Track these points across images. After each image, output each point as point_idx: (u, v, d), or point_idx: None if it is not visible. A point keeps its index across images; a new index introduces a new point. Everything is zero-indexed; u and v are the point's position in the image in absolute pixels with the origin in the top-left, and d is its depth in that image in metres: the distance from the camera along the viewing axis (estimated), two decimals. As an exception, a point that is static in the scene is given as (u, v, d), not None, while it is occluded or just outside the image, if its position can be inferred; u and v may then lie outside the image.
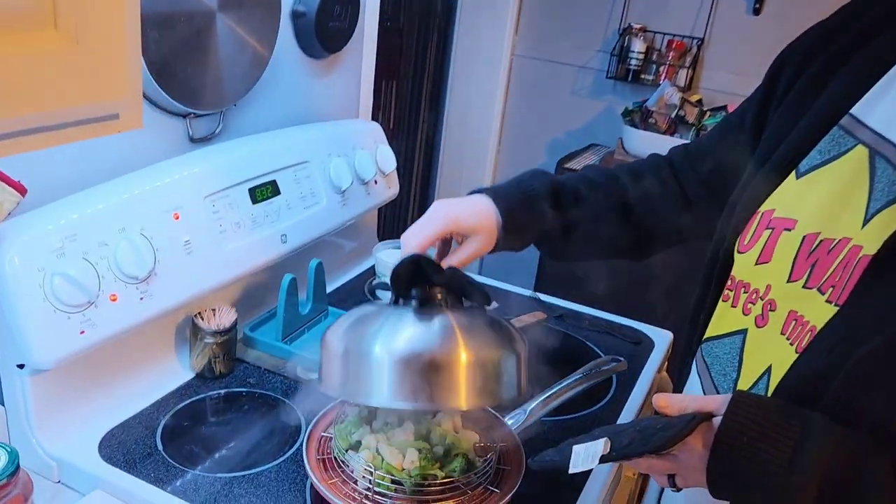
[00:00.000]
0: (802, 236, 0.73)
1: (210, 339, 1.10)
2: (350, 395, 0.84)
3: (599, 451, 0.68)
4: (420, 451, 0.86)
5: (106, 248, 0.94)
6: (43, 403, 0.94)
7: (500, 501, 0.85)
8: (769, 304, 0.75)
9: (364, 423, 0.92)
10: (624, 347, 1.34)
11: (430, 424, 0.91)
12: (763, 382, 0.73)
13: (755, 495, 0.63)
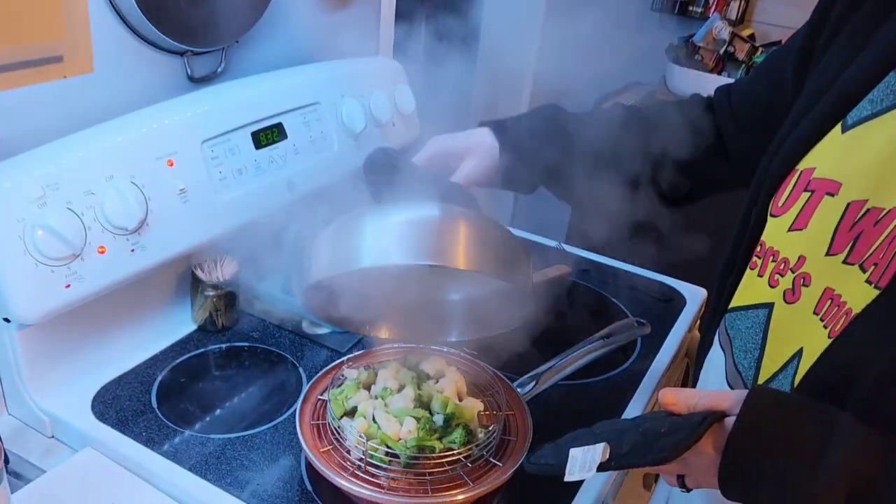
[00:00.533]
0: (847, 203, 0.63)
1: (211, 291, 1.05)
2: (337, 266, 0.73)
3: (598, 459, 0.61)
4: (419, 419, 0.81)
5: (92, 197, 0.88)
6: (33, 358, 0.91)
7: (503, 476, 0.80)
8: (802, 279, 0.66)
9: (362, 388, 0.87)
10: (653, 305, 1.26)
11: (431, 390, 0.85)
12: (791, 368, 0.65)
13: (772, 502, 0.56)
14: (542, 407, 0.94)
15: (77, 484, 0.83)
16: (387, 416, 0.81)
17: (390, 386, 0.86)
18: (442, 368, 0.90)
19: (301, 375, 1.01)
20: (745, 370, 0.71)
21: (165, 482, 0.83)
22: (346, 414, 0.84)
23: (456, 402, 0.83)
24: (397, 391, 0.86)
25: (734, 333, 0.75)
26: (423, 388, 0.87)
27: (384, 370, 0.89)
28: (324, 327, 1.10)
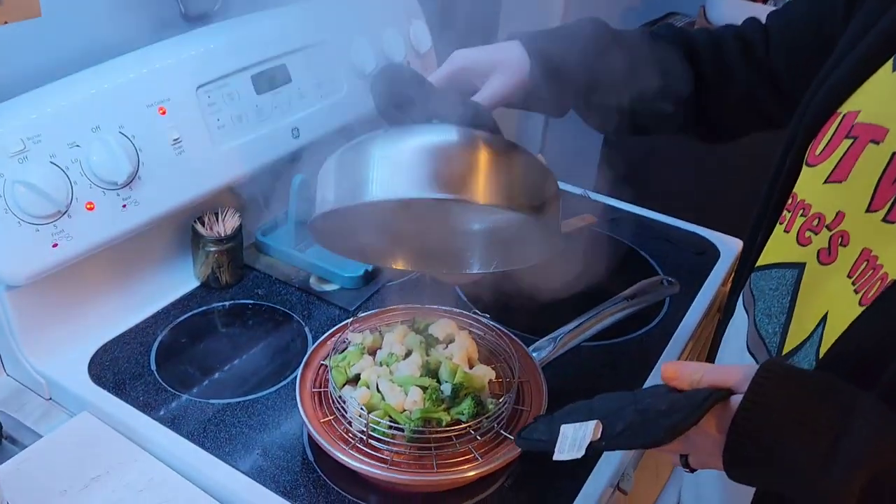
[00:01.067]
0: (893, 152, 0.55)
1: (212, 247, 1.00)
2: (342, 199, 0.65)
3: (588, 438, 0.55)
4: (425, 389, 0.75)
5: (77, 149, 0.83)
6: (26, 319, 0.87)
7: (515, 450, 0.74)
8: (840, 237, 0.58)
9: (367, 353, 0.82)
10: (684, 258, 1.18)
11: (440, 357, 0.80)
12: (816, 336, 0.57)
13: (783, 491, 0.49)
14: (559, 372, 0.89)
15: (72, 450, 0.80)
16: (391, 386, 0.76)
17: (396, 352, 0.81)
18: (452, 332, 0.84)
19: (307, 335, 0.96)
20: (769, 336, 0.64)
21: (162, 450, 0.80)
22: (349, 382, 0.79)
23: (465, 371, 0.78)
24: (404, 357, 0.80)
25: (758, 294, 0.68)
26: (432, 353, 0.81)
27: (390, 334, 0.84)
28: (332, 284, 1.04)
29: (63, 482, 0.77)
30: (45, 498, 0.75)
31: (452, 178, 0.61)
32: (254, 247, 1.10)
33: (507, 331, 0.88)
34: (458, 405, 0.75)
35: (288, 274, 1.06)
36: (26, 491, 0.75)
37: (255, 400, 0.86)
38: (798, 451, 0.48)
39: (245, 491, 0.75)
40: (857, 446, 0.46)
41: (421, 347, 0.81)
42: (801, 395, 0.50)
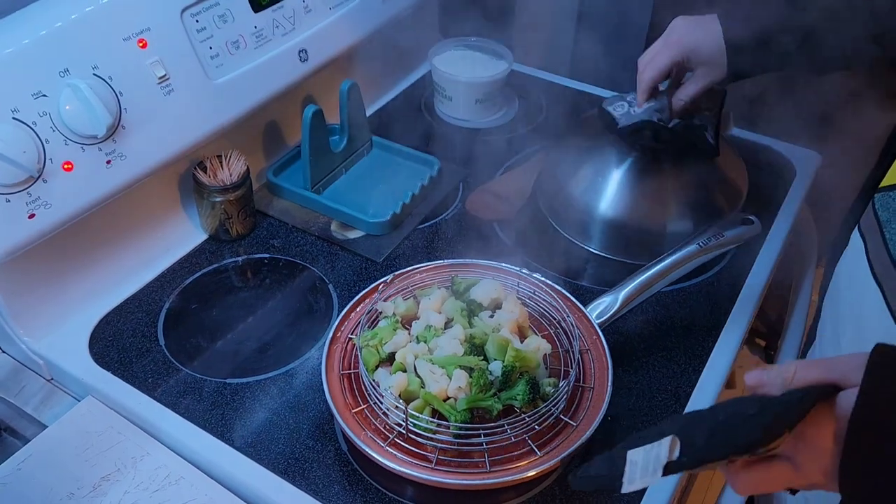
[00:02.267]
0: None
1: (218, 197, 0.87)
2: None
3: (664, 458, 0.43)
4: (472, 371, 0.64)
5: (44, 100, 0.70)
6: (15, 296, 0.76)
7: (578, 439, 0.64)
8: None
9: (400, 327, 0.70)
10: (753, 175, 1.03)
11: (485, 328, 0.68)
12: None
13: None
14: (617, 331, 0.77)
15: (77, 445, 0.71)
16: (431, 369, 0.65)
17: (435, 323, 0.69)
18: (498, 297, 0.72)
19: (331, 294, 0.85)
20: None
21: (176, 441, 0.71)
22: (382, 363, 0.68)
23: (517, 347, 0.66)
24: (443, 329, 0.69)
25: (888, 216, 0.58)
26: (476, 323, 0.70)
27: (427, 300, 0.72)
28: (356, 230, 0.92)
29: (69, 484, 0.68)
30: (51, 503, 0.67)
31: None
32: (265, 188, 0.97)
33: (559, 288, 0.76)
34: (509, 389, 0.64)
35: (305, 220, 0.94)
36: (29, 496, 0.67)
37: (278, 377, 0.76)
38: None
39: (273, 490, 0.66)
40: None
41: (463, 316, 0.70)
42: None
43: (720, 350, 0.79)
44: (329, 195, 0.95)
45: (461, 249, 0.87)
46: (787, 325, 0.98)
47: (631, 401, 0.73)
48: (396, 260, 0.88)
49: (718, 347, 0.79)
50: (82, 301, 0.82)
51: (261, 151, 0.99)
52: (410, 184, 0.96)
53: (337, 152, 0.97)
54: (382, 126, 1.09)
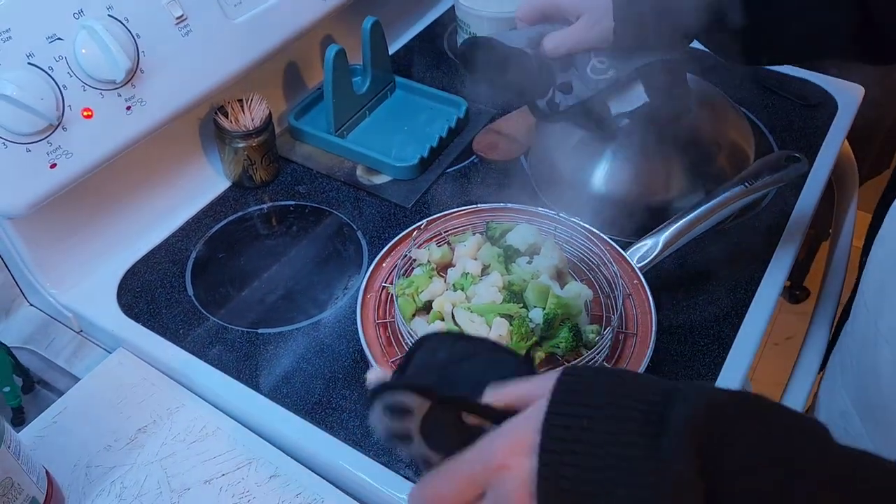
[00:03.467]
0: None
1: (240, 142, 0.84)
2: None
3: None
4: (512, 319, 0.63)
5: (60, 44, 0.67)
6: (40, 249, 0.75)
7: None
8: None
9: (436, 275, 0.68)
10: (794, 112, 0.99)
11: (523, 274, 0.66)
12: None
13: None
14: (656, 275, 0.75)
15: (111, 397, 0.71)
16: (469, 317, 0.63)
17: (471, 270, 0.67)
18: (535, 242, 0.70)
19: (360, 241, 0.82)
20: None
21: (210, 392, 0.70)
22: (419, 311, 0.67)
23: (557, 293, 0.64)
24: (480, 276, 0.67)
25: None
26: (513, 269, 0.68)
27: (462, 246, 0.70)
28: (382, 175, 0.89)
29: (106, 436, 0.68)
30: (88, 456, 0.66)
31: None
32: (287, 133, 0.95)
33: (598, 232, 0.74)
34: (551, 337, 0.63)
35: (330, 165, 0.91)
36: (66, 449, 0.67)
37: (311, 326, 0.74)
38: (607, 471, 0.33)
39: (310, 440, 0.66)
40: (681, 413, 0.33)
41: (500, 262, 0.68)
42: (600, 392, 0.35)
43: (763, 292, 0.76)
44: (354, 139, 0.93)
45: (494, 193, 0.85)
46: (826, 273, 0.95)
47: (673, 346, 0.71)
48: (426, 205, 0.86)
49: (761, 290, 0.76)
50: (108, 252, 0.80)
51: (281, 95, 0.96)
52: (438, 126, 0.92)
53: (360, 94, 0.94)
54: (404, 67, 1.05)
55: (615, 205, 0.80)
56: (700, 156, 0.81)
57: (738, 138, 0.85)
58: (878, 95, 1.02)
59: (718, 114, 0.86)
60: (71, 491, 0.64)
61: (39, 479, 0.59)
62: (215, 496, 0.63)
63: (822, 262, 1.43)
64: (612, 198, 0.80)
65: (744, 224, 0.83)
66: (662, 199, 0.80)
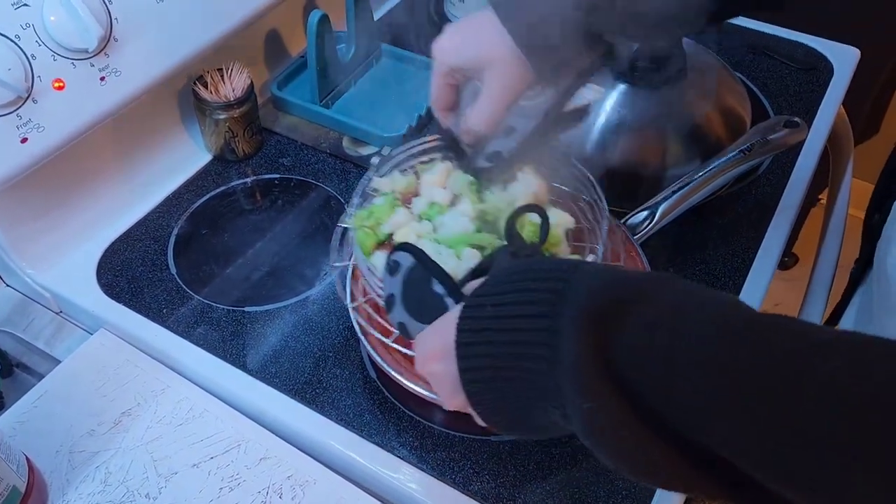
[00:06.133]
0: None
1: (221, 114, 0.81)
2: None
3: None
4: (484, 250, 0.57)
5: (26, 10, 0.63)
6: (14, 227, 0.72)
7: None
8: None
9: (399, 206, 0.63)
10: (789, 76, 0.97)
11: (499, 202, 0.61)
12: None
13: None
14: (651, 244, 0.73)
15: (93, 379, 0.68)
16: (438, 250, 0.57)
17: (439, 199, 0.61)
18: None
19: (348, 215, 0.80)
20: None
21: (196, 373, 0.68)
22: (381, 246, 0.61)
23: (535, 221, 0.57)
24: (449, 206, 0.61)
25: None
26: (487, 198, 0.62)
27: (429, 174, 0.63)
28: (370, 146, 0.87)
29: (89, 420, 0.66)
30: (71, 441, 0.64)
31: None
32: (270, 104, 0.91)
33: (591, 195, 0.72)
34: None
35: (315, 136, 0.88)
36: (48, 434, 0.64)
37: (299, 303, 0.72)
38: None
39: (300, 420, 0.64)
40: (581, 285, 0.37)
41: (472, 191, 0.62)
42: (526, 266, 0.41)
43: (761, 261, 0.75)
44: (339, 109, 0.90)
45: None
46: (821, 240, 0.94)
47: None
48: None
49: (759, 258, 0.75)
50: (86, 229, 0.77)
51: (263, 64, 0.93)
52: (426, 94, 0.88)
53: (345, 62, 0.91)
54: (389, 34, 1.01)
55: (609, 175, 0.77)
56: (696, 122, 0.79)
57: (734, 104, 0.83)
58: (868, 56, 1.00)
59: (714, 79, 0.83)
60: (53, 478, 0.62)
61: (20, 467, 0.57)
62: (204, 479, 0.62)
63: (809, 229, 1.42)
64: (606, 167, 0.78)
65: (740, 192, 0.82)
66: (658, 168, 0.78)
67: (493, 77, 0.55)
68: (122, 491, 0.61)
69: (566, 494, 0.59)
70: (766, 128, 0.73)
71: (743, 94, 0.85)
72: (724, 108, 0.82)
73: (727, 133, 0.80)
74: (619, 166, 0.77)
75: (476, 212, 0.61)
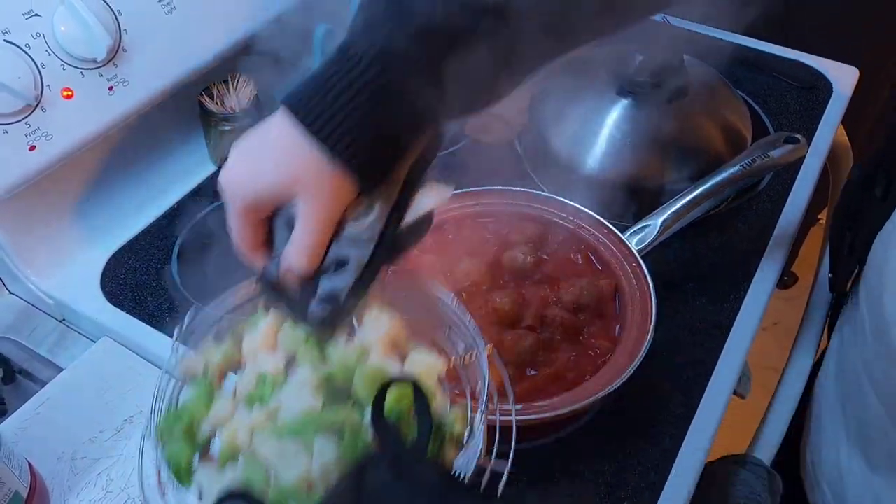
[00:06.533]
0: None
1: (226, 125, 0.82)
2: None
3: None
4: (341, 433, 0.43)
5: (37, 20, 0.64)
6: (19, 234, 0.73)
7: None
8: None
9: (219, 389, 0.48)
10: (789, 94, 0.98)
11: (346, 359, 0.47)
12: None
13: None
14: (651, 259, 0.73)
15: (95, 387, 0.68)
16: (280, 447, 0.42)
17: (269, 369, 0.47)
18: None
19: (351, 226, 0.80)
20: None
21: (199, 382, 0.68)
22: (203, 456, 0.45)
23: (394, 373, 0.46)
24: (284, 374, 0.47)
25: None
26: (331, 356, 0.47)
27: (251, 335, 0.50)
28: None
29: (91, 427, 0.66)
30: (73, 447, 0.64)
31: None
32: (275, 116, 0.92)
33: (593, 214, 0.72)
34: None
35: (320, 148, 0.89)
36: (50, 441, 0.65)
37: (300, 314, 0.72)
38: None
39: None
40: None
41: (310, 348, 0.48)
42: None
43: (761, 276, 0.75)
44: (343, 121, 0.90)
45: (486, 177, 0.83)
46: (820, 259, 0.95)
47: (672, 331, 0.70)
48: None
49: (759, 274, 0.76)
50: (90, 238, 0.78)
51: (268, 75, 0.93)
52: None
53: (349, 76, 0.91)
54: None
55: (610, 187, 0.78)
56: (697, 138, 0.80)
57: (735, 120, 0.84)
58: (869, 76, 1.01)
59: (715, 96, 0.84)
60: (55, 484, 0.62)
61: (22, 473, 0.57)
62: (205, 488, 0.62)
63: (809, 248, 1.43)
64: (607, 180, 0.79)
65: (740, 208, 0.82)
66: (659, 181, 0.78)
67: (306, 201, 0.43)
68: (122, 498, 0.61)
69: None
70: (766, 144, 0.74)
71: (744, 111, 0.86)
72: (725, 124, 0.83)
73: (728, 149, 0.81)
74: (620, 181, 0.78)
75: (319, 378, 0.46)
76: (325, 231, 0.44)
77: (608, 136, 0.79)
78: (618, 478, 0.61)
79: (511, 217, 0.72)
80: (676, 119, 0.80)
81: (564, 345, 0.64)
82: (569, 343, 0.64)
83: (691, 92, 0.82)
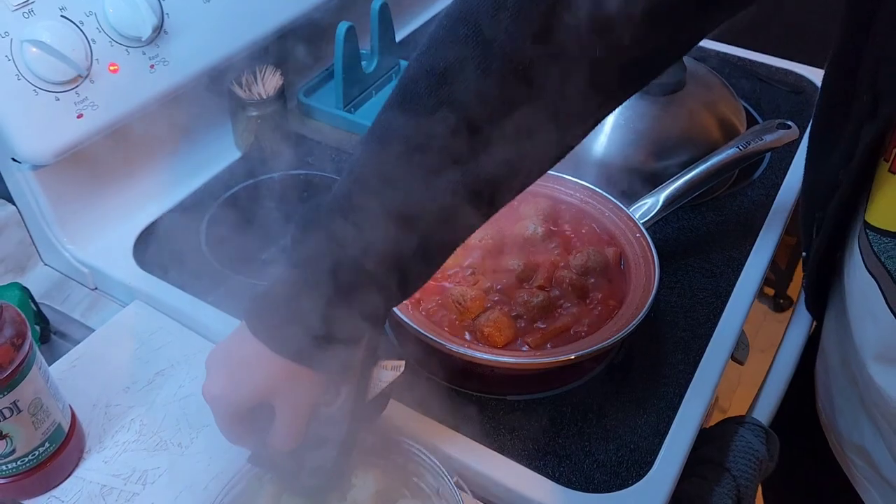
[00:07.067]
0: None
1: (254, 111, 0.88)
2: None
3: None
4: None
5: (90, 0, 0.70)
6: (61, 202, 0.77)
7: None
8: None
9: None
10: (780, 98, 1.04)
11: None
12: None
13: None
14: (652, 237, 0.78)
15: (128, 343, 0.72)
16: None
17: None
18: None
19: (369, 206, 0.85)
20: None
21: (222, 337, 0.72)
22: None
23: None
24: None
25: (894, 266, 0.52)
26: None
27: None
28: (390, 147, 0.92)
29: (124, 378, 0.70)
30: (107, 396, 0.68)
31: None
32: (297, 110, 0.98)
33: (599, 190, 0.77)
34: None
35: (339, 139, 0.94)
36: (85, 390, 0.68)
37: (323, 280, 0.77)
38: None
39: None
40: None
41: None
42: None
43: (755, 256, 0.80)
44: (362, 115, 0.96)
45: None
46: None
47: (673, 299, 0.75)
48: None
49: (754, 254, 0.80)
50: (125, 211, 0.82)
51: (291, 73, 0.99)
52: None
53: (368, 73, 0.98)
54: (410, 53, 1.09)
55: (615, 170, 0.83)
56: (695, 127, 0.86)
57: (729, 114, 0.90)
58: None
59: (712, 90, 0.90)
60: (91, 427, 0.65)
61: (64, 408, 0.61)
62: (234, 431, 0.65)
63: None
64: (612, 164, 0.84)
65: (737, 193, 0.88)
66: (660, 165, 0.84)
67: (282, 400, 0.50)
68: (155, 440, 0.65)
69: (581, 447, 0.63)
70: (761, 129, 0.79)
71: (738, 106, 0.92)
72: (721, 116, 0.88)
73: (724, 139, 0.87)
74: (624, 165, 0.84)
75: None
76: (302, 419, 0.52)
77: (613, 124, 0.84)
78: (624, 425, 0.65)
79: (524, 193, 0.77)
80: (676, 110, 0.85)
81: (572, 303, 0.68)
82: (577, 301, 0.68)
83: (689, 86, 0.87)
